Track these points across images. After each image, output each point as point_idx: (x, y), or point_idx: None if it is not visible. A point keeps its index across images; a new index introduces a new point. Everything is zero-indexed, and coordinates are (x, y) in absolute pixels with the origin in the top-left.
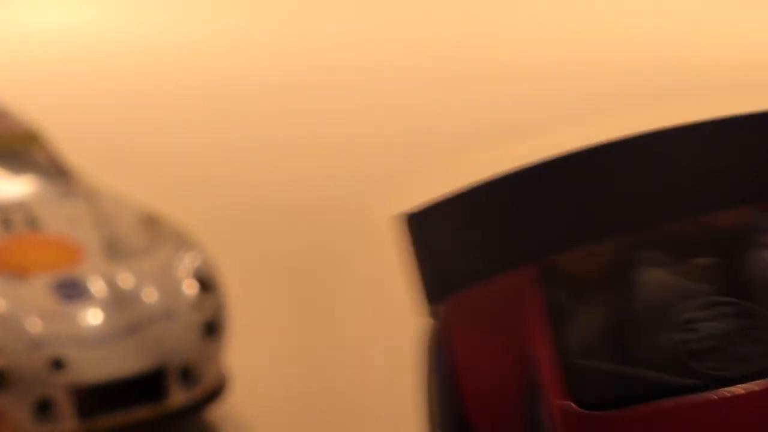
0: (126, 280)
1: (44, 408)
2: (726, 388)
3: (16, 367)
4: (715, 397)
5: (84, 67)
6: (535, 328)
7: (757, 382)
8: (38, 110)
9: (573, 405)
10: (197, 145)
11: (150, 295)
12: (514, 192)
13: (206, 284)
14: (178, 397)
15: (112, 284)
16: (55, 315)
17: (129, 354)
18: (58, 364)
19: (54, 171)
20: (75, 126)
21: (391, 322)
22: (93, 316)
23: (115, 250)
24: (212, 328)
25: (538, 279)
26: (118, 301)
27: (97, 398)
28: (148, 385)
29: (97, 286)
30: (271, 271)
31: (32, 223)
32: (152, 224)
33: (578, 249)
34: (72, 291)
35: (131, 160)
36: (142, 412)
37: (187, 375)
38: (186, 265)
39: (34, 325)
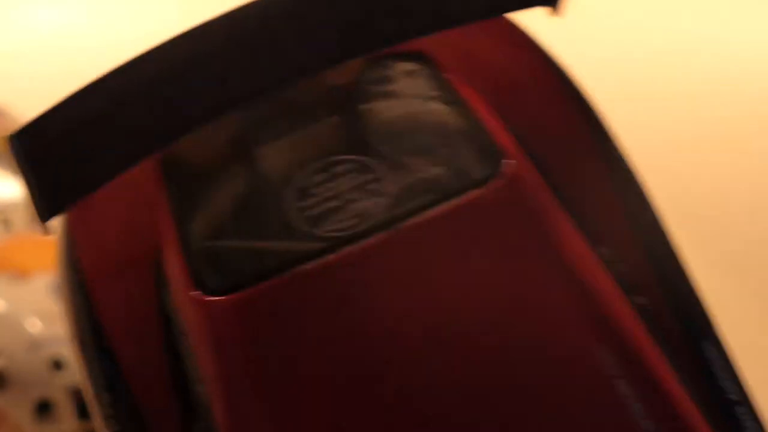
0: None
1: (44, 409)
2: (348, 247)
3: (15, 368)
4: (337, 257)
5: (84, 68)
6: (158, 221)
7: (377, 235)
8: (38, 110)
9: (199, 291)
10: None
11: None
12: (113, 92)
13: None
14: None
15: None
16: (55, 315)
17: None
18: (58, 365)
19: None
20: None
21: None
22: None
23: None
24: None
25: (158, 172)
26: None
27: None
28: None
29: None
30: None
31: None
32: None
33: (188, 134)
34: None
35: None
36: None
37: None
38: None
39: (34, 326)
